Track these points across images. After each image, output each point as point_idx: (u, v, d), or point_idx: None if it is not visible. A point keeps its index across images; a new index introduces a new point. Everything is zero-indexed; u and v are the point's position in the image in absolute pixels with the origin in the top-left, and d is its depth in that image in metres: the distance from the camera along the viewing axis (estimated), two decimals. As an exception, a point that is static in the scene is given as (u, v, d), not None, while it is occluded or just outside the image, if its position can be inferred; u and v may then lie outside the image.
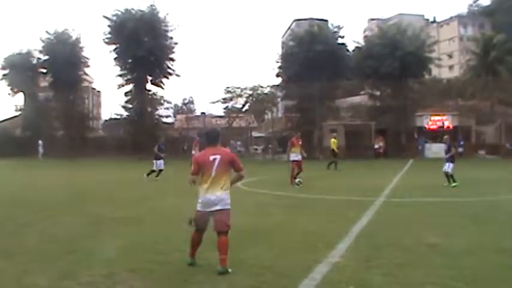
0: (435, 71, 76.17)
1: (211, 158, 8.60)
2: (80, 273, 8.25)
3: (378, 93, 65.72)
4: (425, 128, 59.26)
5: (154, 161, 29.96)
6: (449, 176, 22.82)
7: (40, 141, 61.31)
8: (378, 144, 58.11)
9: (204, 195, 8.48)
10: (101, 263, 8.88)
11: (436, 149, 50.68)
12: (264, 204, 18.13)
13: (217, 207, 8.41)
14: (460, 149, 53.51)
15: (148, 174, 28.82)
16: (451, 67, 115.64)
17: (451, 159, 23.05)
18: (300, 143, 25.29)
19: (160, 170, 29.11)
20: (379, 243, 10.46)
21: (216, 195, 8.44)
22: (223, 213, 8.44)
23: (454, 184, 22.43)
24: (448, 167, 22.99)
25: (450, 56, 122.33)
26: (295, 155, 24.76)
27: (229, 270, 8.08)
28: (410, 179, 27.09)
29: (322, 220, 13.80)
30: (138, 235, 11.77)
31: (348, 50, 68.18)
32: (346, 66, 64.98)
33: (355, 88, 72.41)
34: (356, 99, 70.99)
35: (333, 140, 37.20)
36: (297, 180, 23.87)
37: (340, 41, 66.26)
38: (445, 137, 25.21)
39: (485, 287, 7.17)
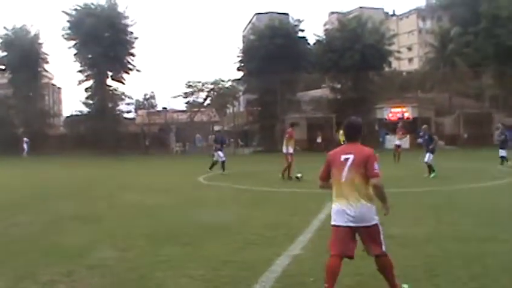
0: (395, 64, 76.95)
1: (343, 158, 6.56)
2: (38, 272, 8.07)
3: (339, 86, 66.21)
4: (385, 119, 59.82)
5: (214, 153, 29.85)
6: (429, 167, 23.13)
7: (25, 139, 60.40)
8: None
9: (336, 206, 6.64)
10: (60, 262, 8.71)
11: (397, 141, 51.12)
12: (225, 197, 18.14)
13: (356, 224, 6.43)
14: (420, 140, 53.92)
15: (210, 168, 28.89)
16: (410, 60, 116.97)
17: (432, 150, 23.44)
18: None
19: (223, 162, 28.68)
20: (340, 234, 10.41)
21: (352, 206, 6.42)
22: (370, 231, 6.49)
23: (433, 175, 22.80)
24: (428, 157, 23.29)
25: (409, 49, 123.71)
26: (291, 148, 24.25)
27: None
28: (385, 169, 27.24)
29: (284, 213, 13.74)
30: (98, 232, 11.58)
31: (308, 44, 68.48)
32: (307, 60, 65.28)
33: (316, 81, 72.74)
34: (317, 92, 71.29)
35: (341, 132, 37.22)
36: (299, 175, 23.01)
37: (300, 34, 66.59)
38: (424, 126, 25.61)
39: (445, 274, 7.19)
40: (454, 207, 14.24)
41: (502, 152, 28.47)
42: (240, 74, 69.33)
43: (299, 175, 22.68)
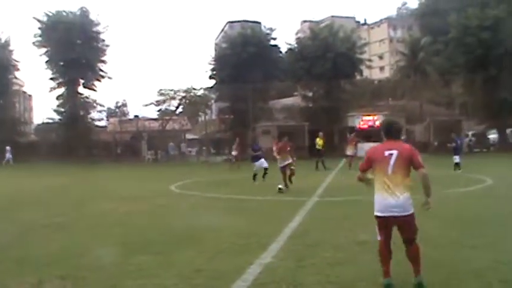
0: (366, 72, 77.53)
1: (387, 153, 7.21)
2: (9, 283, 8.02)
3: (311, 94, 66.40)
4: (357, 128, 60.13)
5: (253, 164, 26.53)
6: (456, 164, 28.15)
7: (8, 147, 59.40)
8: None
9: (380, 198, 7.18)
10: (31, 271, 8.64)
11: (368, 148, 51.47)
12: (197, 206, 18.10)
13: (398, 213, 7.05)
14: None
15: (254, 178, 25.95)
16: (381, 68, 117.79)
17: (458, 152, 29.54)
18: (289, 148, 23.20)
19: (265, 169, 25.46)
20: (312, 242, 10.49)
21: (395, 198, 7.04)
22: (407, 219, 7.11)
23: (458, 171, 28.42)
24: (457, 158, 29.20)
25: (381, 57, 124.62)
26: (283, 161, 22.57)
27: (423, 283, 7.06)
28: (343, 178, 27.29)
29: (255, 221, 13.77)
30: (69, 241, 11.50)
31: (280, 52, 68.72)
32: (279, 68, 65.47)
33: (288, 89, 72.91)
34: (289, 100, 71.47)
35: (318, 139, 37.20)
36: (281, 186, 21.59)
37: (273, 42, 66.79)
38: (453, 134, 30.86)
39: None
40: (424, 213, 14.33)
41: (456, 159, 29.96)
42: (212, 82, 69.19)
43: (281, 186, 21.59)
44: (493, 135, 64.08)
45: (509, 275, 7.84)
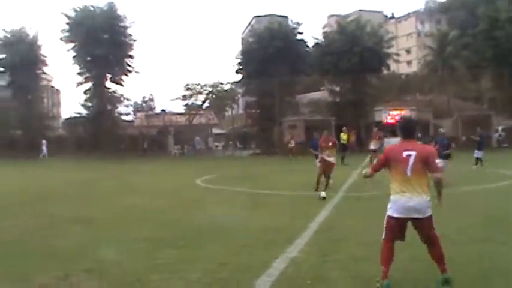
0: (394, 66, 76.85)
1: (405, 154, 7.09)
2: (35, 276, 8.07)
3: (338, 88, 66.05)
4: (383, 122, 59.74)
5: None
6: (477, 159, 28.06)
7: (44, 141, 60.65)
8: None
9: (398, 199, 7.10)
10: (56, 265, 8.70)
11: (394, 143, 51.21)
12: (223, 200, 18.12)
13: (418, 215, 6.98)
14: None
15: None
16: (409, 62, 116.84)
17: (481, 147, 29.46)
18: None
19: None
20: (337, 237, 10.47)
21: (414, 200, 6.95)
22: (425, 221, 7.03)
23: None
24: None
25: (408, 52, 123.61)
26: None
27: (450, 276, 6.97)
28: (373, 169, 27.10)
29: (281, 216, 13.77)
30: (95, 235, 11.60)
31: (307, 46, 68.40)
32: (305, 62, 65.24)
33: (314, 84, 72.64)
34: (316, 94, 71.21)
35: (342, 134, 37.11)
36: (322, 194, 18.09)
37: (299, 37, 66.50)
38: (478, 129, 30.18)
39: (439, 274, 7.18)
40: (450, 211, 14.23)
41: (477, 154, 30.19)
42: (239, 77, 69.23)
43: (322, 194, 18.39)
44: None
45: None
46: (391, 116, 59.68)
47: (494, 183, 20.52)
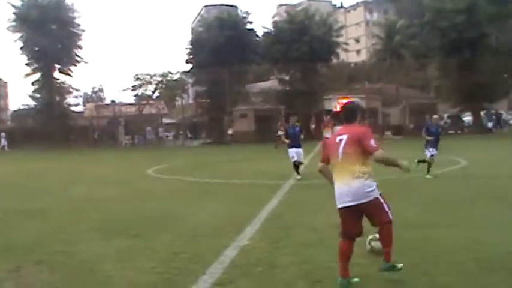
0: (343, 55, 77.54)
1: (338, 139, 6.71)
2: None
3: (287, 77, 66.42)
4: (333, 110, 60.27)
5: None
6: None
7: (3, 134, 60.42)
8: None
9: (336, 187, 6.72)
10: (7, 258, 8.67)
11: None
12: (174, 190, 18.17)
13: (352, 202, 6.49)
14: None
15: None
16: (358, 51, 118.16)
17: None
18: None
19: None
20: (288, 225, 10.62)
21: (345, 186, 6.53)
22: (371, 206, 6.50)
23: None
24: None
25: (357, 41, 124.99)
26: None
27: (398, 265, 6.61)
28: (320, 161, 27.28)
29: (232, 204, 13.89)
30: (46, 226, 11.54)
31: (257, 36, 68.48)
32: (255, 52, 65.32)
33: (265, 73, 72.88)
34: (266, 84, 71.43)
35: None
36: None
37: (249, 26, 66.53)
38: (435, 116, 21.36)
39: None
40: (398, 196, 14.55)
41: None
42: (189, 67, 69.03)
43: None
44: (467, 118, 64.81)
45: (482, 252, 8.00)
46: (340, 104, 60.32)
47: (442, 169, 21.00)
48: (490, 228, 9.85)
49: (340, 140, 6.64)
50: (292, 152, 19.53)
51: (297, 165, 19.39)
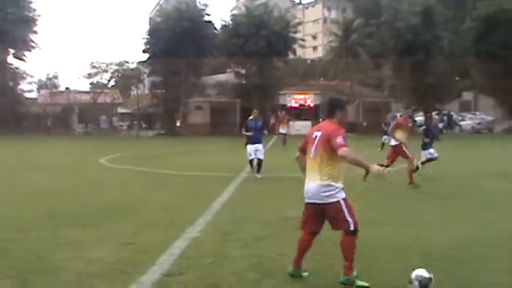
0: (300, 51, 78.02)
1: (314, 134, 6.69)
2: None
3: (244, 71, 66.47)
4: (288, 106, 60.60)
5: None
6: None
7: None
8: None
9: (305, 181, 6.76)
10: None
11: (298, 127, 52.54)
12: (127, 180, 18.16)
13: (313, 200, 6.56)
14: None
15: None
16: (315, 48, 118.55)
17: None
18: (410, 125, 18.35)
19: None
20: (239, 217, 10.72)
21: (311, 184, 6.58)
22: (330, 209, 6.49)
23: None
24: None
25: (314, 37, 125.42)
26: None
27: (360, 283, 6.44)
28: (274, 155, 27.36)
29: (184, 196, 13.98)
30: (-6, 213, 11.46)
31: (215, 28, 68.31)
32: (212, 44, 65.15)
33: (221, 66, 72.77)
34: (222, 76, 71.38)
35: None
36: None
37: (207, 18, 66.33)
38: (436, 117, 18.70)
39: (336, 254, 7.47)
40: (346, 192, 14.74)
41: (385, 139, 29.06)
42: (146, 56, 68.54)
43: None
44: (419, 118, 65.88)
45: (424, 248, 8.26)
46: (295, 99, 60.82)
47: (391, 167, 21.34)
48: (432, 225, 10.16)
49: (316, 136, 6.64)
50: (251, 149, 17.99)
51: (258, 163, 17.89)
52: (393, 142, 16.93)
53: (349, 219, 6.43)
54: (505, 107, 63.31)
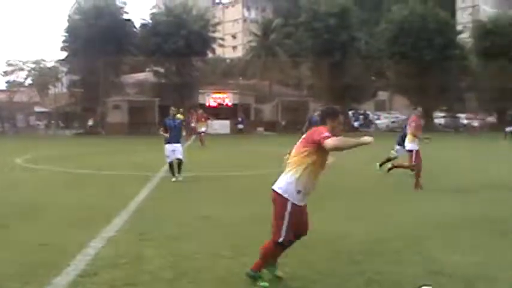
0: (219, 51, 78.20)
1: (301, 137, 6.64)
2: None
3: (163, 70, 66.22)
4: (206, 105, 60.72)
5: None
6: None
7: None
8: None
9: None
10: None
11: (216, 126, 53.08)
12: (43, 180, 17.94)
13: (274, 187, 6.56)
14: (241, 126, 56.48)
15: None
16: (234, 47, 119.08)
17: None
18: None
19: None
20: (155, 217, 10.79)
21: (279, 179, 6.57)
22: (274, 203, 6.58)
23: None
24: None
25: (234, 37, 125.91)
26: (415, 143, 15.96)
27: (261, 283, 6.52)
28: (192, 154, 27.38)
29: (101, 196, 13.96)
30: None
31: (134, 27, 67.89)
32: (132, 43, 64.73)
33: (140, 64, 72.21)
34: (141, 75, 70.93)
35: (178, 115, 36.50)
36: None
37: (126, 16, 65.85)
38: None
39: (250, 253, 7.55)
40: (264, 190, 15.03)
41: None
42: (64, 54, 67.44)
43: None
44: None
45: (353, 241, 8.62)
46: (214, 98, 61.10)
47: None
48: (357, 220, 10.58)
49: (300, 139, 6.58)
50: (169, 149, 17.07)
51: (178, 163, 17.00)
52: (413, 146, 15.77)
53: (282, 229, 6.36)
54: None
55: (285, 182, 6.40)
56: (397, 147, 19.11)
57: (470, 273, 7.05)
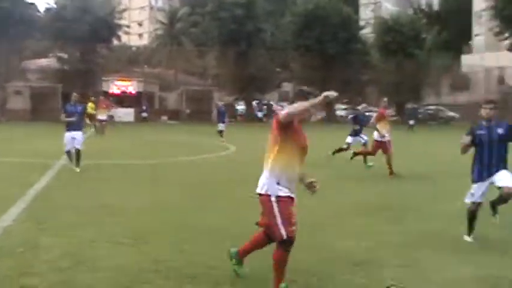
0: (124, 38, 77.33)
1: None
2: None
3: (66, 56, 64.92)
4: (110, 92, 59.96)
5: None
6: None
7: None
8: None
9: None
10: None
11: (120, 113, 52.64)
12: None
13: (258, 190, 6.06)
14: (145, 114, 56.30)
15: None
16: (140, 35, 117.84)
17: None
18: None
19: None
20: (55, 205, 10.68)
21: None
22: (260, 200, 6.06)
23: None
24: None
25: (140, 25, 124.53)
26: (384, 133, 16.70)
27: (237, 268, 6.48)
28: (94, 142, 26.96)
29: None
30: None
31: (38, 11, 66.29)
32: (35, 27, 63.14)
33: (44, 50, 70.56)
34: (44, 61, 69.29)
35: (90, 103, 35.35)
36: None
37: (29, 0, 64.18)
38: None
39: (151, 241, 7.80)
40: (169, 178, 15.24)
41: (220, 126, 30.83)
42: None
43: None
44: (240, 107, 67.91)
45: (237, 231, 8.54)
46: (117, 86, 60.52)
47: (212, 153, 22.13)
48: (247, 209, 10.82)
49: None
50: (68, 138, 16.35)
51: (77, 153, 16.39)
52: (378, 136, 16.58)
53: (278, 222, 5.83)
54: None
55: (263, 181, 5.97)
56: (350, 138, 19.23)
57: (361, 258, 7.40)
